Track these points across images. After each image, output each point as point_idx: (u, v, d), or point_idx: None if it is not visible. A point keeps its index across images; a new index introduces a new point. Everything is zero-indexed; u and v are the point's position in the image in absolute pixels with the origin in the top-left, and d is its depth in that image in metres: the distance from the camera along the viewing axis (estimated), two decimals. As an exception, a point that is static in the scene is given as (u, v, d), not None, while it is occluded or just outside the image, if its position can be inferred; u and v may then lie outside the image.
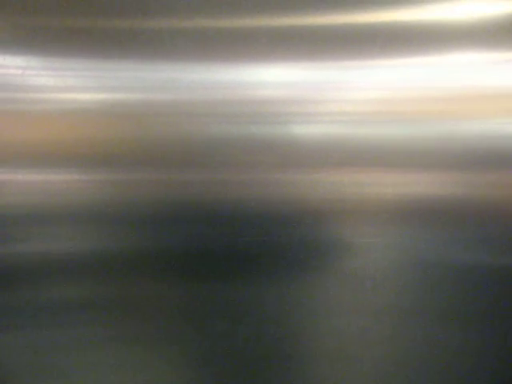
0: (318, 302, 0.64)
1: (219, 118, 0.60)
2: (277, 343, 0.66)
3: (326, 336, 0.66)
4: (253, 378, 0.67)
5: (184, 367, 0.68)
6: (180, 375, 0.68)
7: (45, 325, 0.64)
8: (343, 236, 0.62)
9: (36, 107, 0.60)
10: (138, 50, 0.60)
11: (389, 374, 0.67)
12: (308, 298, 0.64)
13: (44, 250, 0.62)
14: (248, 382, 0.67)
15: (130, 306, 0.64)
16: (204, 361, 0.67)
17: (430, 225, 0.62)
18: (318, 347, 0.66)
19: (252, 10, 0.61)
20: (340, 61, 0.60)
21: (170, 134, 0.60)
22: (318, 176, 0.61)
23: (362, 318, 0.65)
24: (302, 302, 0.64)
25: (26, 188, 0.61)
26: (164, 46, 0.60)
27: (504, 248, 0.62)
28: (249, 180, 0.61)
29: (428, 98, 0.60)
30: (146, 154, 0.60)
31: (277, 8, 0.60)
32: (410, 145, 0.60)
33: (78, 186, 0.61)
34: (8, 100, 0.60)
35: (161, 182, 0.61)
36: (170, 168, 0.61)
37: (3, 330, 0.65)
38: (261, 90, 0.60)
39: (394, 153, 0.60)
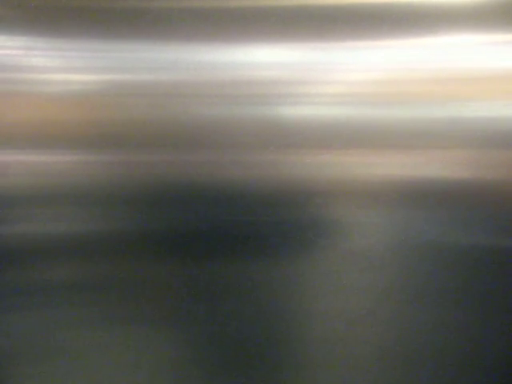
0: (324, 283, 0.64)
1: (224, 99, 0.60)
2: (283, 324, 0.66)
3: (333, 316, 0.66)
4: (256, 359, 0.67)
5: (185, 348, 0.68)
6: (181, 356, 0.68)
7: (50, 305, 0.65)
8: (349, 217, 0.62)
9: (40, 88, 0.60)
10: (132, 32, 0.60)
11: (394, 354, 0.67)
12: (314, 279, 0.64)
13: (49, 230, 0.62)
14: (250, 364, 0.67)
15: (133, 287, 0.64)
16: (206, 342, 0.67)
17: (435, 206, 0.62)
18: (324, 327, 0.66)
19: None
20: (348, 41, 0.60)
21: (166, 115, 0.60)
22: (324, 157, 0.61)
23: (368, 298, 0.65)
24: (307, 283, 0.64)
25: (33, 169, 0.61)
26: (157, 26, 0.60)
27: (507, 230, 0.62)
28: (253, 161, 0.61)
29: (432, 79, 0.60)
30: (142, 136, 0.60)
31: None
32: (414, 126, 0.60)
33: (82, 167, 0.61)
34: (13, 81, 0.60)
35: (162, 163, 0.61)
36: (171, 149, 0.60)
37: (6, 311, 0.65)
38: (266, 71, 0.60)
39: (399, 134, 0.60)
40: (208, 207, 0.61)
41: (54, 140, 0.60)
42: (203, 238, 0.62)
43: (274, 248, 0.63)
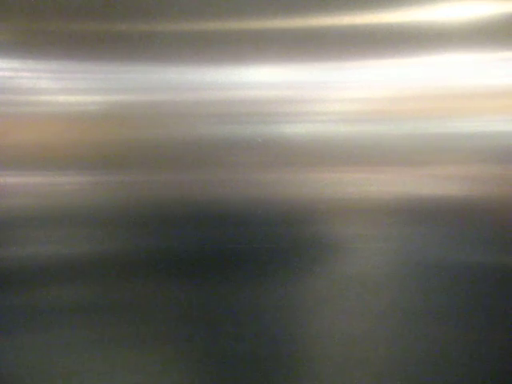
0: (316, 304, 0.64)
1: (226, 119, 0.61)
2: (277, 346, 0.66)
3: (329, 338, 0.66)
4: (253, 380, 0.67)
5: (183, 369, 0.67)
6: (178, 377, 0.68)
7: (51, 327, 0.64)
8: (341, 235, 0.62)
9: (42, 110, 0.60)
10: (132, 53, 0.61)
11: (391, 376, 0.67)
12: (308, 298, 0.64)
13: (53, 251, 0.62)
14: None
15: (129, 308, 0.64)
16: (203, 363, 0.67)
17: (429, 223, 0.62)
18: (320, 349, 0.66)
19: (243, 13, 0.61)
20: (348, 60, 0.61)
21: (168, 135, 0.60)
22: (315, 175, 0.61)
23: (363, 320, 0.65)
24: (300, 303, 0.64)
25: (35, 191, 0.61)
26: (157, 48, 0.60)
27: (508, 247, 0.62)
28: (256, 180, 0.61)
29: (431, 97, 0.61)
30: (144, 156, 0.60)
31: (268, 10, 0.61)
32: (416, 142, 0.61)
33: (83, 188, 0.61)
34: (15, 103, 0.60)
35: (165, 183, 0.61)
36: (174, 169, 0.61)
37: (9, 333, 0.65)
38: (267, 91, 0.61)
39: (401, 151, 0.61)
40: (211, 227, 0.62)
41: (56, 162, 0.61)
42: (205, 258, 0.62)
43: (265, 268, 0.63)
